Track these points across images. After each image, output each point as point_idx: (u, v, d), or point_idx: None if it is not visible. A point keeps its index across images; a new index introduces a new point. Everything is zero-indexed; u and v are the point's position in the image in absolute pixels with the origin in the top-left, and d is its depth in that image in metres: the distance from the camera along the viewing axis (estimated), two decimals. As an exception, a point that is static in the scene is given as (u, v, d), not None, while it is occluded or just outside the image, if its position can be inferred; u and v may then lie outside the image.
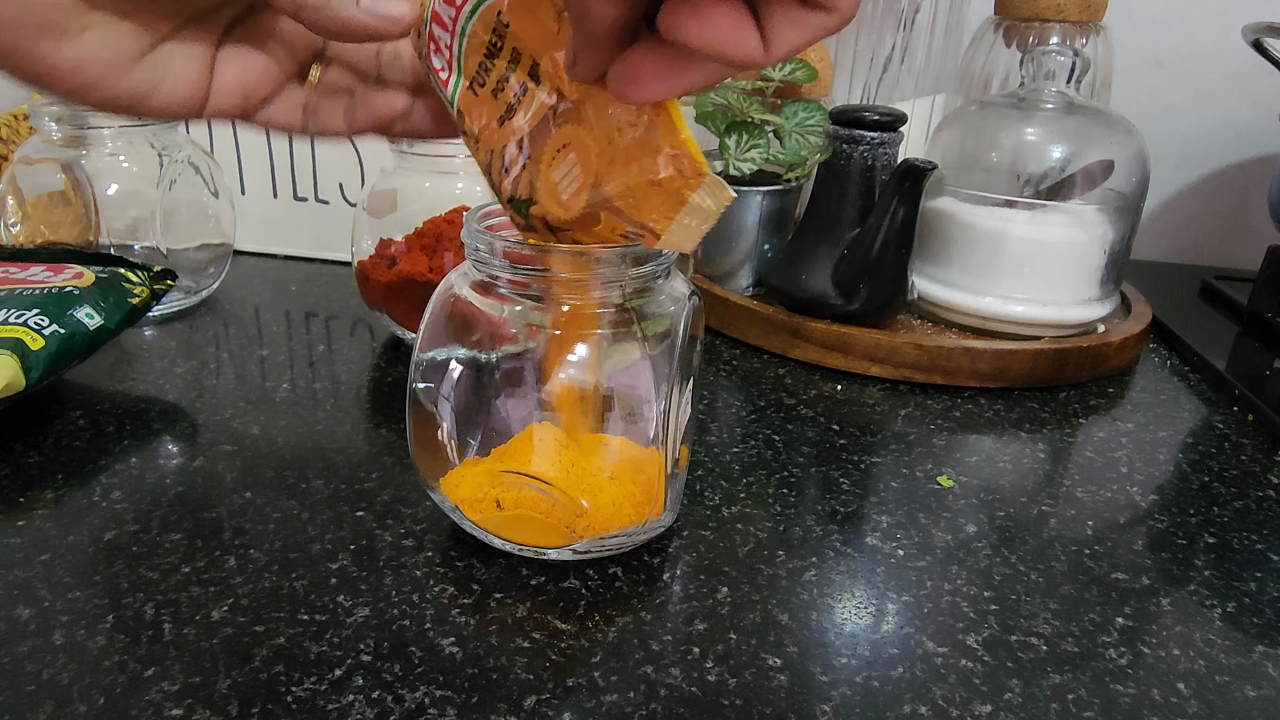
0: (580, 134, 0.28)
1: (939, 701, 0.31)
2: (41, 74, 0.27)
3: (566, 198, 0.30)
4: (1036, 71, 0.60)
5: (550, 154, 0.30)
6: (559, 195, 0.30)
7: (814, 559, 0.38)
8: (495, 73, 0.30)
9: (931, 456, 0.47)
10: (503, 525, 0.36)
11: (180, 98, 0.30)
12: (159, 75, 0.30)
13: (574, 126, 0.28)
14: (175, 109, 0.30)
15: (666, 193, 0.27)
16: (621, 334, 0.35)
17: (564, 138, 0.29)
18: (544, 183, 0.30)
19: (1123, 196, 0.59)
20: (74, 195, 0.60)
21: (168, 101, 0.30)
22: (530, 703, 0.30)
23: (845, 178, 0.58)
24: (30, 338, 0.45)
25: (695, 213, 0.27)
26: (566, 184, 0.30)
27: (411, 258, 0.53)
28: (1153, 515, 0.43)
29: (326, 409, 0.49)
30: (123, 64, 0.29)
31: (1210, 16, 0.81)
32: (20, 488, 0.41)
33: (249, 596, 0.34)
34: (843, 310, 0.57)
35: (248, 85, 0.32)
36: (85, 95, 0.29)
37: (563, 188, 0.30)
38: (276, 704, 0.29)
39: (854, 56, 0.72)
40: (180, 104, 0.30)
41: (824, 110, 0.61)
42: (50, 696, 0.29)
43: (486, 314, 0.35)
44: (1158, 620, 0.35)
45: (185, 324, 0.61)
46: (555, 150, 0.29)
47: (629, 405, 0.36)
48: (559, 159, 0.29)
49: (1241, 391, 0.55)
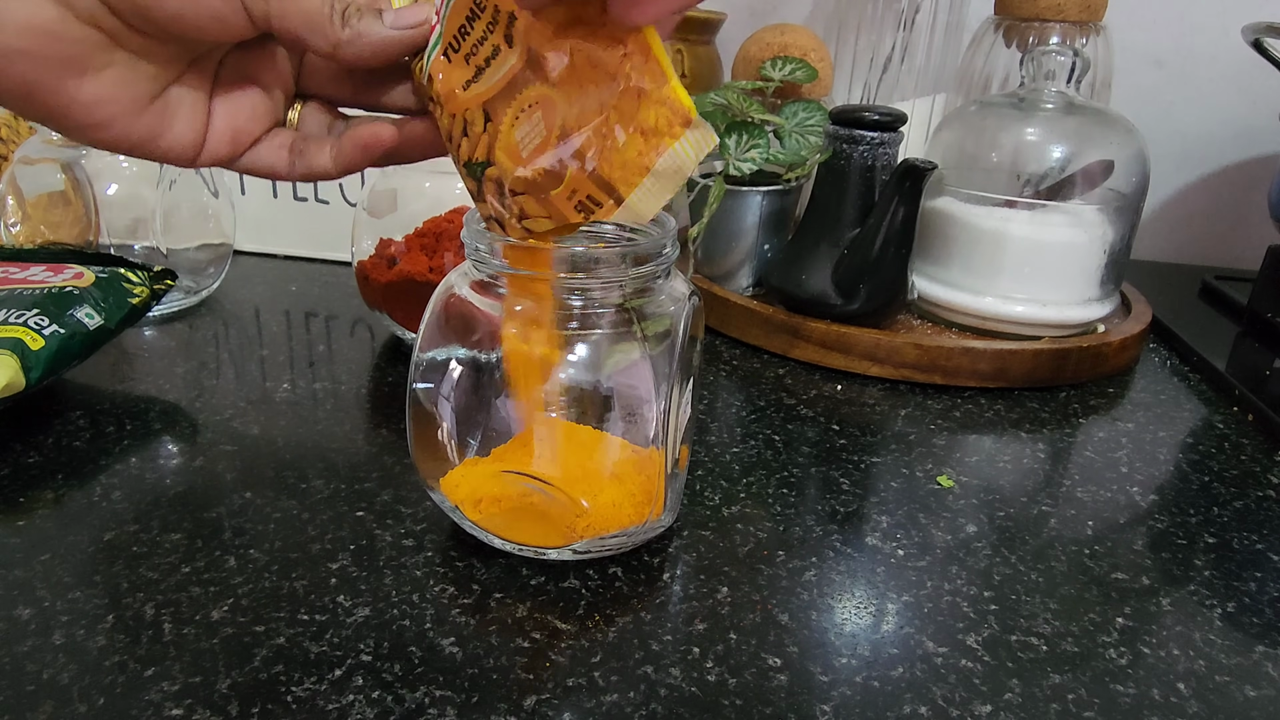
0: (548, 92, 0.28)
1: (939, 701, 0.31)
2: (58, 109, 0.28)
3: (527, 154, 0.29)
4: (1036, 71, 0.60)
5: (514, 114, 0.29)
6: (520, 153, 0.30)
7: (814, 559, 0.38)
8: (473, 36, 0.30)
9: (931, 456, 0.47)
10: (503, 525, 0.36)
11: (185, 142, 0.31)
12: (169, 119, 0.30)
13: (542, 86, 0.28)
14: (178, 153, 0.31)
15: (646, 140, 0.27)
16: (621, 334, 0.35)
17: (531, 97, 0.29)
18: (504, 142, 0.30)
19: (1123, 196, 0.59)
20: (74, 195, 0.60)
21: (172, 144, 0.31)
22: (530, 703, 0.30)
23: (845, 178, 0.58)
24: (30, 338, 0.45)
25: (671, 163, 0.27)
26: (529, 141, 0.29)
27: (411, 258, 0.53)
28: (1153, 515, 0.43)
29: (326, 409, 0.49)
30: (139, 104, 0.29)
31: (1210, 16, 0.81)
32: (20, 488, 0.41)
33: (249, 596, 0.34)
34: (843, 310, 0.57)
35: (237, 128, 0.32)
36: (97, 134, 0.29)
37: (524, 145, 0.30)
38: (276, 704, 0.29)
39: (854, 56, 0.72)
40: (184, 148, 0.31)
41: (824, 110, 0.61)
42: (50, 696, 0.29)
43: (486, 314, 0.35)
44: (1158, 620, 0.35)
45: (185, 324, 0.61)
46: (520, 110, 0.29)
47: (629, 405, 0.36)
48: (523, 118, 0.29)
49: (1241, 391, 0.55)
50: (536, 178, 0.30)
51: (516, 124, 0.29)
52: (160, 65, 0.29)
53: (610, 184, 0.28)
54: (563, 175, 0.29)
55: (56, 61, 0.27)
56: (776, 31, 0.68)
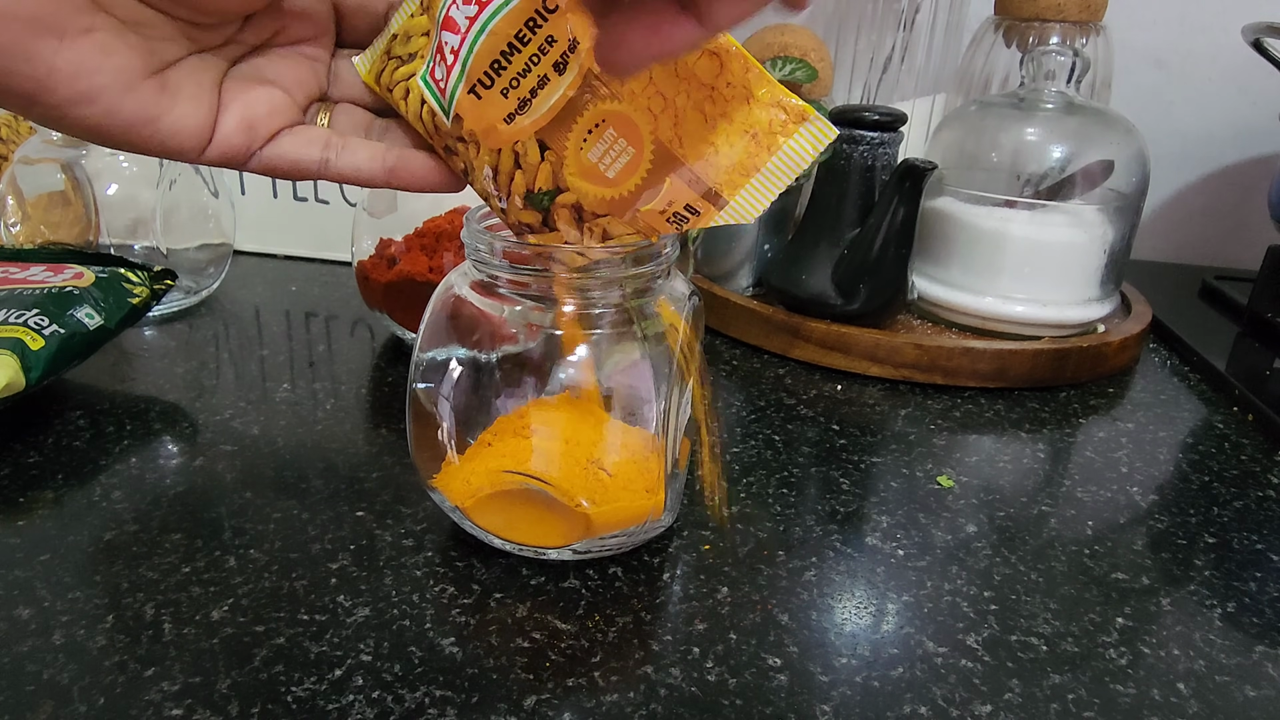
0: (616, 109, 0.28)
1: (939, 701, 0.31)
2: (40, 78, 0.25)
3: (614, 174, 0.29)
4: (1036, 71, 0.60)
5: (579, 136, 0.29)
6: (602, 174, 0.30)
7: (814, 559, 0.38)
8: (512, 70, 0.30)
9: (931, 456, 0.47)
10: (503, 525, 0.36)
11: (191, 127, 0.28)
12: (168, 101, 0.28)
13: (607, 104, 0.28)
14: (181, 140, 0.28)
15: (757, 141, 0.27)
16: (621, 334, 0.35)
17: (595, 117, 0.29)
18: (577, 166, 0.30)
19: (1123, 196, 0.59)
20: (74, 195, 0.60)
21: (174, 130, 0.28)
22: (530, 703, 0.30)
23: (845, 178, 0.58)
24: (30, 338, 0.45)
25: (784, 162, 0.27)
26: (610, 159, 0.29)
27: (411, 258, 0.53)
28: (1153, 515, 0.43)
29: (326, 409, 0.49)
30: (128, 78, 0.27)
31: (1210, 16, 0.81)
32: (20, 488, 0.41)
33: (249, 596, 0.34)
34: (843, 310, 0.57)
35: (253, 119, 0.30)
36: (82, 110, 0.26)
37: (605, 165, 0.29)
38: (276, 704, 0.29)
39: (854, 56, 0.72)
40: (188, 135, 0.29)
41: (824, 110, 0.61)
42: (50, 696, 0.29)
43: (486, 314, 0.35)
44: (1158, 620, 0.35)
45: (185, 324, 0.61)
46: (586, 131, 0.29)
47: (629, 405, 0.36)
48: (592, 138, 0.29)
49: (1241, 391, 0.55)
50: (627, 196, 0.29)
51: (586, 146, 0.29)
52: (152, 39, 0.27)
53: (715, 190, 0.28)
54: (659, 189, 0.29)
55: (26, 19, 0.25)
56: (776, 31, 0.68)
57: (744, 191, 0.29)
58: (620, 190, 0.30)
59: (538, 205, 0.32)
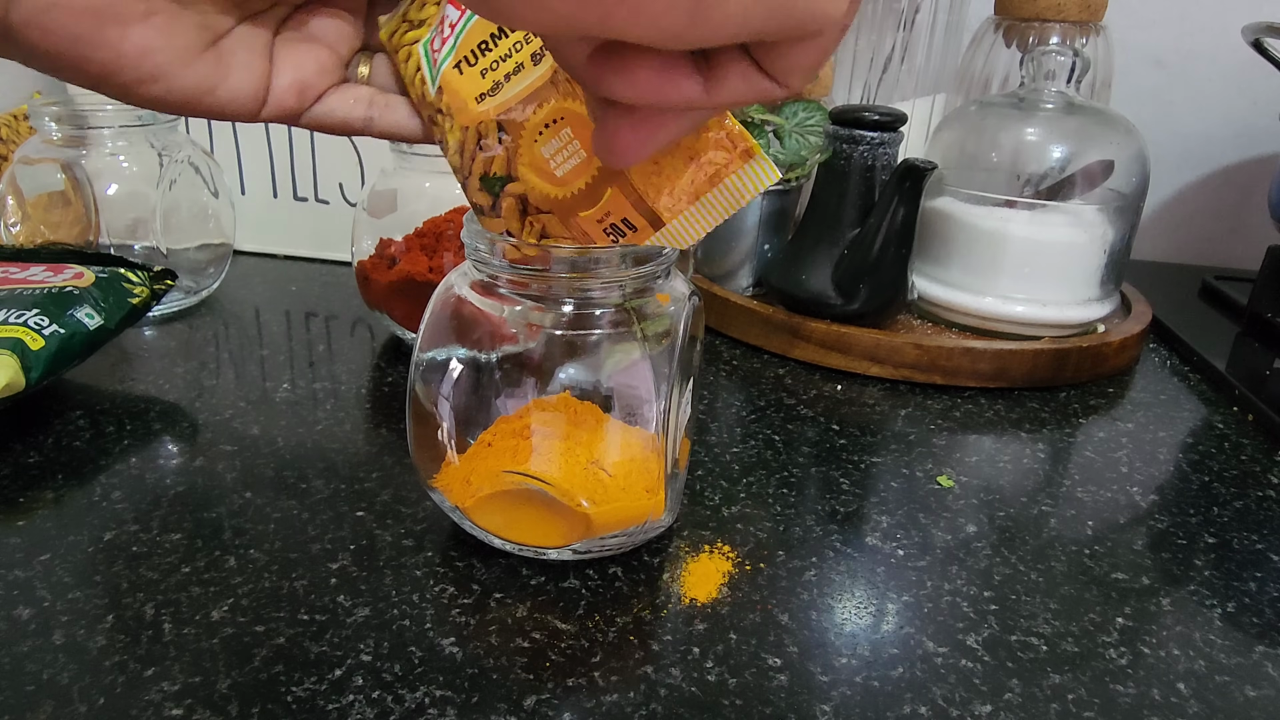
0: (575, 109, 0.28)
1: (939, 701, 0.31)
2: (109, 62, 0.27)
3: (563, 173, 0.29)
4: (1036, 71, 0.60)
5: (535, 129, 0.29)
6: (551, 170, 0.30)
7: (814, 559, 0.38)
8: (495, 53, 0.30)
9: (931, 456, 0.47)
10: (503, 525, 0.36)
11: (246, 93, 0.30)
12: (224, 70, 0.30)
13: (568, 101, 0.28)
14: (239, 105, 0.30)
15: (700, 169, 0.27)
16: (621, 334, 0.35)
17: (555, 112, 0.29)
18: (529, 157, 0.30)
19: (1123, 196, 0.59)
20: (74, 195, 0.60)
21: (231, 97, 0.30)
22: (530, 703, 0.30)
23: (845, 178, 0.58)
24: (30, 338, 0.45)
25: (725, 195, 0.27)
26: (562, 159, 0.29)
27: (411, 258, 0.53)
28: (1153, 515, 0.43)
29: (326, 409, 0.49)
30: (189, 54, 0.29)
31: (1210, 16, 0.81)
32: (20, 488, 0.41)
33: (249, 596, 0.34)
34: (843, 310, 0.57)
35: (304, 80, 0.31)
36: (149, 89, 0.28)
37: (556, 163, 0.29)
38: (276, 704, 0.29)
39: (854, 56, 0.72)
40: (244, 100, 0.30)
41: (824, 110, 0.61)
42: (50, 696, 0.29)
43: (486, 314, 0.35)
44: (1158, 620, 0.35)
45: (185, 324, 0.61)
46: (542, 125, 0.29)
47: (629, 405, 0.36)
48: (547, 134, 0.29)
49: (1241, 391, 0.55)
50: (569, 198, 0.29)
51: (540, 140, 0.29)
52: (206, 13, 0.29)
53: (654, 211, 0.28)
54: (599, 198, 0.29)
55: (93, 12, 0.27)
56: (776, 31, 0.68)
57: (683, 217, 0.29)
58: (566, 191, 0.30)
59: (490, 189, 0.32)
